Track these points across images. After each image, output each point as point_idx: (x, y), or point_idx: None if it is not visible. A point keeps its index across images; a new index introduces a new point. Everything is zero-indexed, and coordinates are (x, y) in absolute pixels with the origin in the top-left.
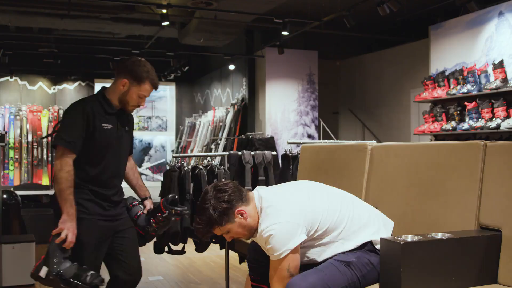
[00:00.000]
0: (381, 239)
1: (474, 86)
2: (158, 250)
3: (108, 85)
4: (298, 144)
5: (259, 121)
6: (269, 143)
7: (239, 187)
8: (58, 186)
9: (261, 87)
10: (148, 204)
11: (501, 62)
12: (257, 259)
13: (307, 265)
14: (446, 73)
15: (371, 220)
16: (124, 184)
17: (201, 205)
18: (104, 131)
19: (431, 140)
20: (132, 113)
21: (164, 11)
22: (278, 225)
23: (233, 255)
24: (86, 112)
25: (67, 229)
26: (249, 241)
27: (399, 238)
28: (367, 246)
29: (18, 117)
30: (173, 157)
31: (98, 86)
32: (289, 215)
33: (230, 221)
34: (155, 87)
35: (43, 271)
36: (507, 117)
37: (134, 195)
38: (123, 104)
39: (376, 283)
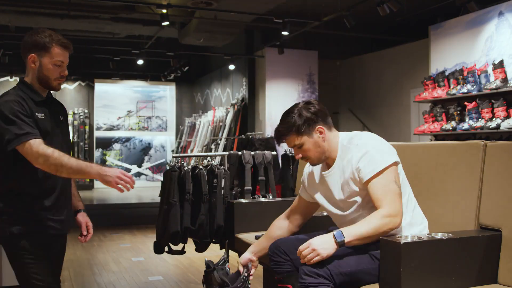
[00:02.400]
0: (381, 239)
1: (474, 86)
2: (158, 250)
3: (108, 85)
4: None
5: (259, 121)
6: (269, 143)
7: (327, 111)
8: (65, 169)
9: (261, 87)
10: (81, 218)
11: (501, 62)
12: (278, 259)
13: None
14: (446, 73)
15: (423, 222)
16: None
17: (288, 110)
18: (39, 121)
19: (431, 140)
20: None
21: (164, 11)
22: (375, 141)
23: (233, 255)
24: (19, 102)
25: (112, 176)
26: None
27: (399, 238)
28: None
29: None
30: (173, 157)
31: (98, 86)
32: (381, 140)
33: (308, 134)
34: (67, 47)
35: None
36: (507, 117)
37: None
38: (45, 82)
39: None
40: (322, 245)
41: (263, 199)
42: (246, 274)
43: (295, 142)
